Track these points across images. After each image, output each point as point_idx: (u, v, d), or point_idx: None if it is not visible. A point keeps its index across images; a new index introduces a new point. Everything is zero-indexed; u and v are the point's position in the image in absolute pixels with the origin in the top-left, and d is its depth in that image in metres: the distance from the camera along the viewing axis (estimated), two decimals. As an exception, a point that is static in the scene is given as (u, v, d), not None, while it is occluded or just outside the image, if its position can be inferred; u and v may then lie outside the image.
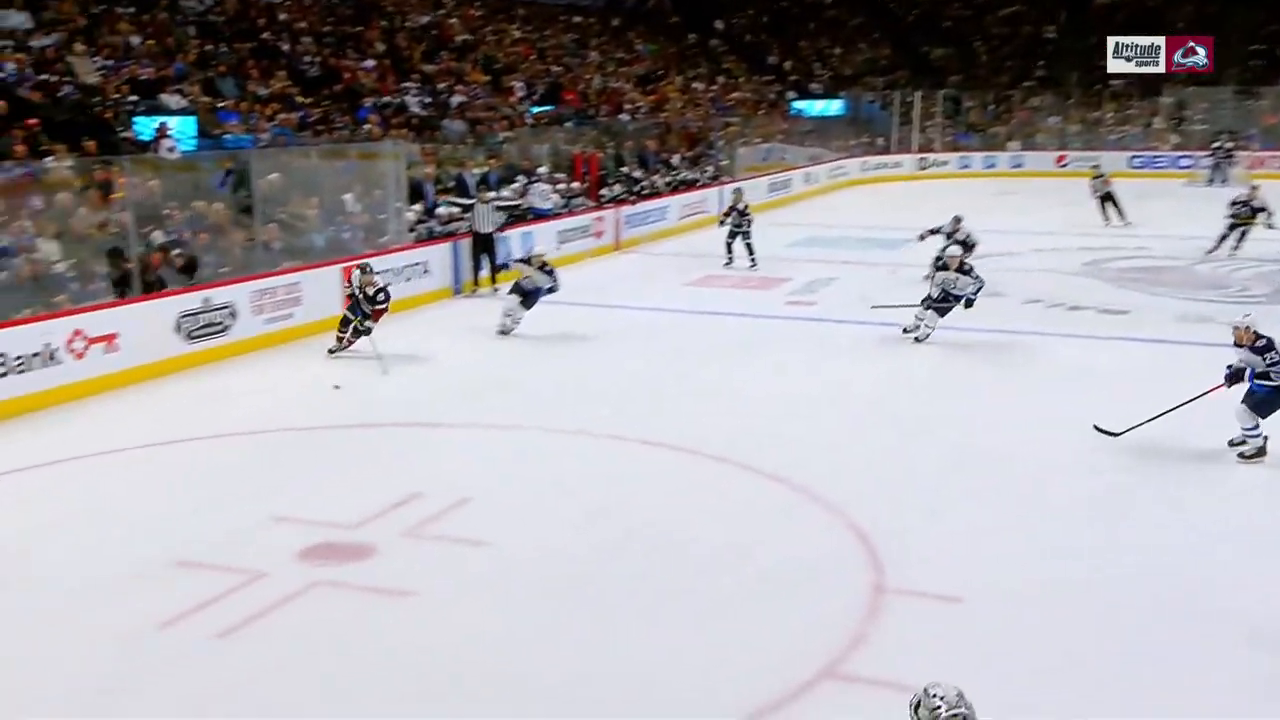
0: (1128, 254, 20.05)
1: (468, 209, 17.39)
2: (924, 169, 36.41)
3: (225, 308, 13.04)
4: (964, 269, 13.01)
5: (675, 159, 26.98)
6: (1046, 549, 7.61)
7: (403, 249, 16.50)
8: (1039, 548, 7.65)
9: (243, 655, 6.25)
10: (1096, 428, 9.45)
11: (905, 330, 13.38)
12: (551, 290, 13.82)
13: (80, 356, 11.36)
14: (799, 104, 38.92)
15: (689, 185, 25.83)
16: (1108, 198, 24.05)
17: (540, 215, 19.88)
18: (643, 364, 12.61)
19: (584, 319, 14.51)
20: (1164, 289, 17.01)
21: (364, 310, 12.62)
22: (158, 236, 13.25)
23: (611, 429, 10.10)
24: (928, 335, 13.18)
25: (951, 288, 13.06)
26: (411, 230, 17.06)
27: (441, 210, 17.87)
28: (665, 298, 16.58)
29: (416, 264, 16.41)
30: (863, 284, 17.27)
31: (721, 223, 20.45)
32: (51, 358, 11.09)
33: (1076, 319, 15.06)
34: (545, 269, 13.88)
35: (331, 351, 12.81)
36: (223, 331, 13.03)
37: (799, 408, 10.79)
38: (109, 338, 11.65)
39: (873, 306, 15.06)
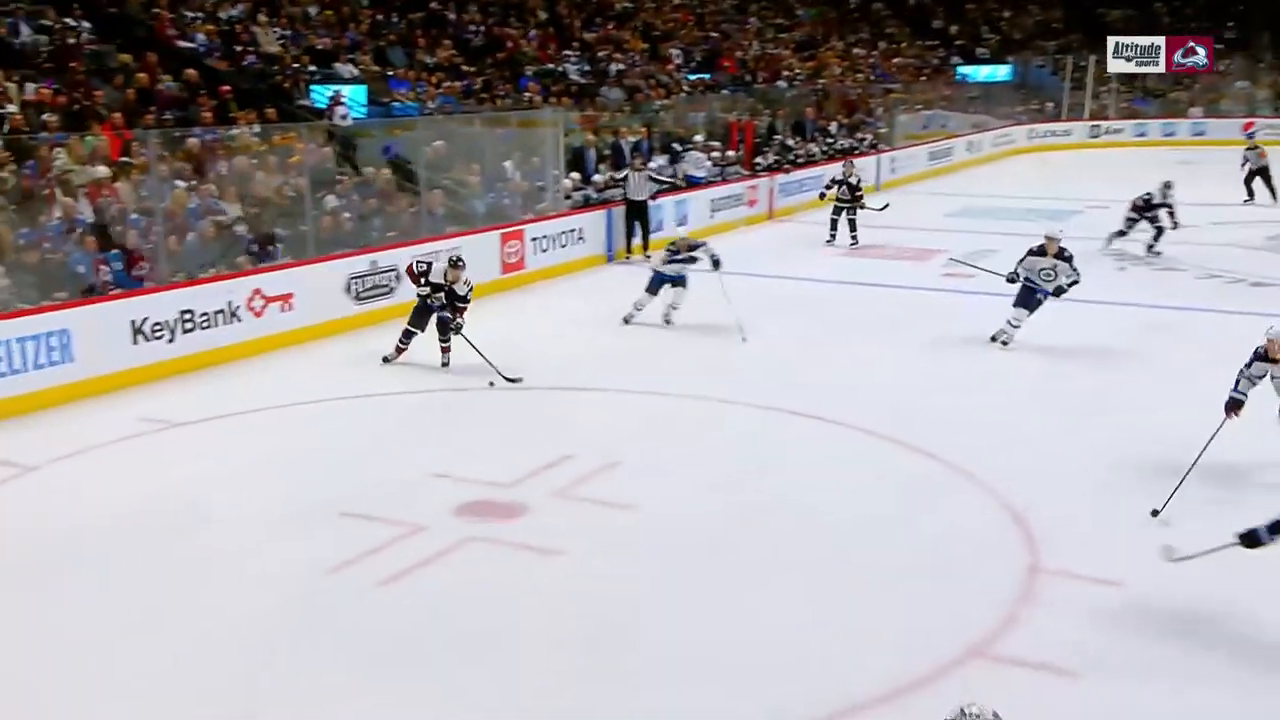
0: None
1: (622, 178, 17.59)
2: (1096, 137, 35.38)
3: (391, 270, 13.46)
4: (1064, 255, 11.61)
5: (832, 127, 26.70)
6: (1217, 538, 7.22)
7: (559, 215, 16.81)
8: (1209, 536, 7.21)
9: (401, 602, 6.60)
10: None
11: (993, 339, 11.91)
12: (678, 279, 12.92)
13: (259, 314, 11.94)
14: (964, 69, 38.07)
15: (845, 154, 25.54)
16: (1261, 172, 22.54)
17: (694, 183, 19.93)
18: (792, 334, 12.63)
19: (734, 288, 14.59)
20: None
21: (449, 307, 11.16)
22: (330, 200, 13.74)
23: (759, 398, 10.17)
24: (1009, 338, 11.81)
25: (1039, 277, 11.68)
26: (568, 197, 17.35)
27: (598, 178, 18.11)
28: (817, 268, 16.56)
29: (572, 230, 16.70)
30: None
31: (822, 195, 19.51)
32: (233, 315, 11.68)
33: (1259, 296, 14.36)
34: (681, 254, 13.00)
35: (387, 360, 11.49)
36: (388, 294, 13.48)
37: (954, 383, 10.65)
38: (285, 297, 12.21)
39: (950, 259, 15.01)
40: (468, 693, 5.63)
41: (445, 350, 11.23)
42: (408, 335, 11.30)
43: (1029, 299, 11.56)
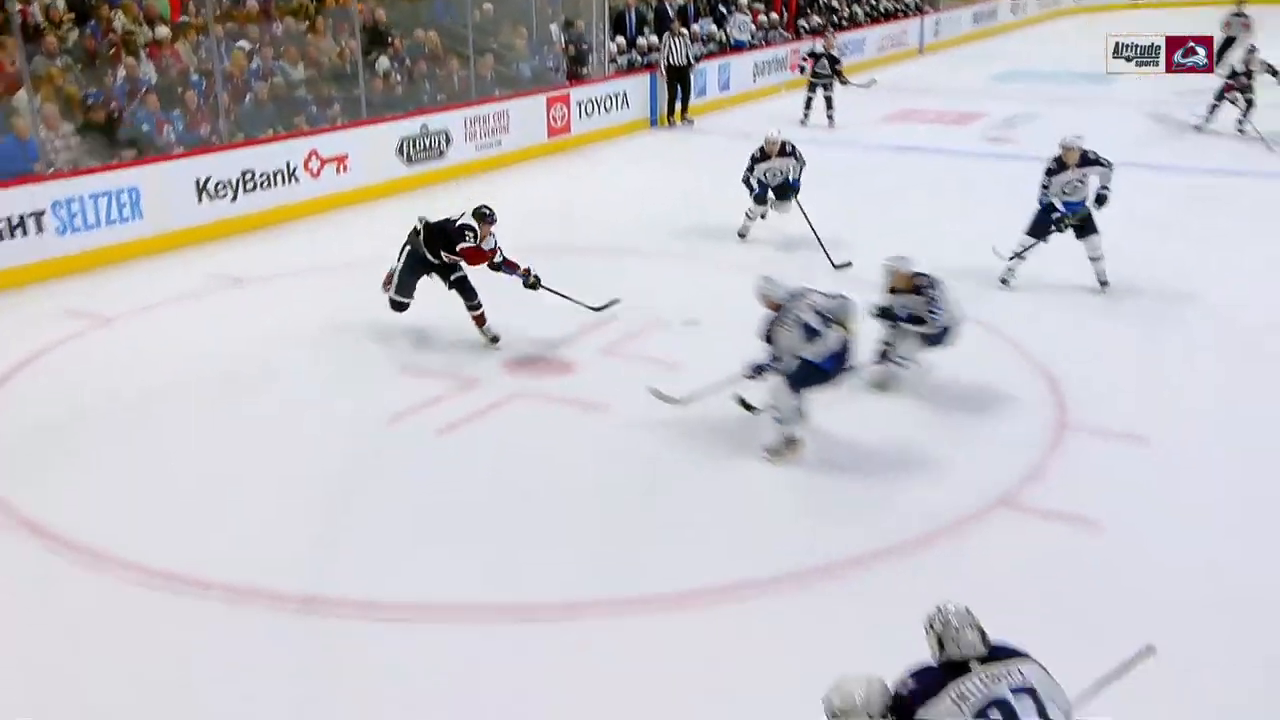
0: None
1: (665, 43, 17.37)
2: (1150, -1, 34.15)
3: (441, 133, 13.57)
4: (1091, 159, 9.42)
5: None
6: (1253, 406, 7.44)
7: (604, 79, 16.76)
8: (1246, 405, 7.44)
9: (457, 449, 6.93)
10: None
11: (1002, 281, 9.80)
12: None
13: (316, 175, 12.15)
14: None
15: (889, 16, 25.06)
16: (1231, 44, 19.50)
17: (738, 46, 19.69)
18: (836, 198, 12.40)
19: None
20: None
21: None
22: (382, 63, 13.77)
23: (806, 263, 10.17)
24: (1013, 275, 9.81)
25: (1065, 194, 9.48)
26: (613, 61, 17.21)
27: (641, 42, 17.95)
28: (861, 131, 16.42)
29: (617, 94, 16.65)
30: (1068, 121, 16.68)
31: (801, 69, 18.15)
32: (291, 175, 11.88)
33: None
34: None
35: (494, 341, 8.58)
36: (439, 156, 13.60)
37: (993, 246, 10.21)
38: (341, 159, 12.37)
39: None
40: (520, 543, 5.88)
41: (480, 324, 8.53)
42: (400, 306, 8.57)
43: (1043, 225, 9.53)
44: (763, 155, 10.94)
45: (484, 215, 8.22)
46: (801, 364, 6.58)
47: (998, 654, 3.53)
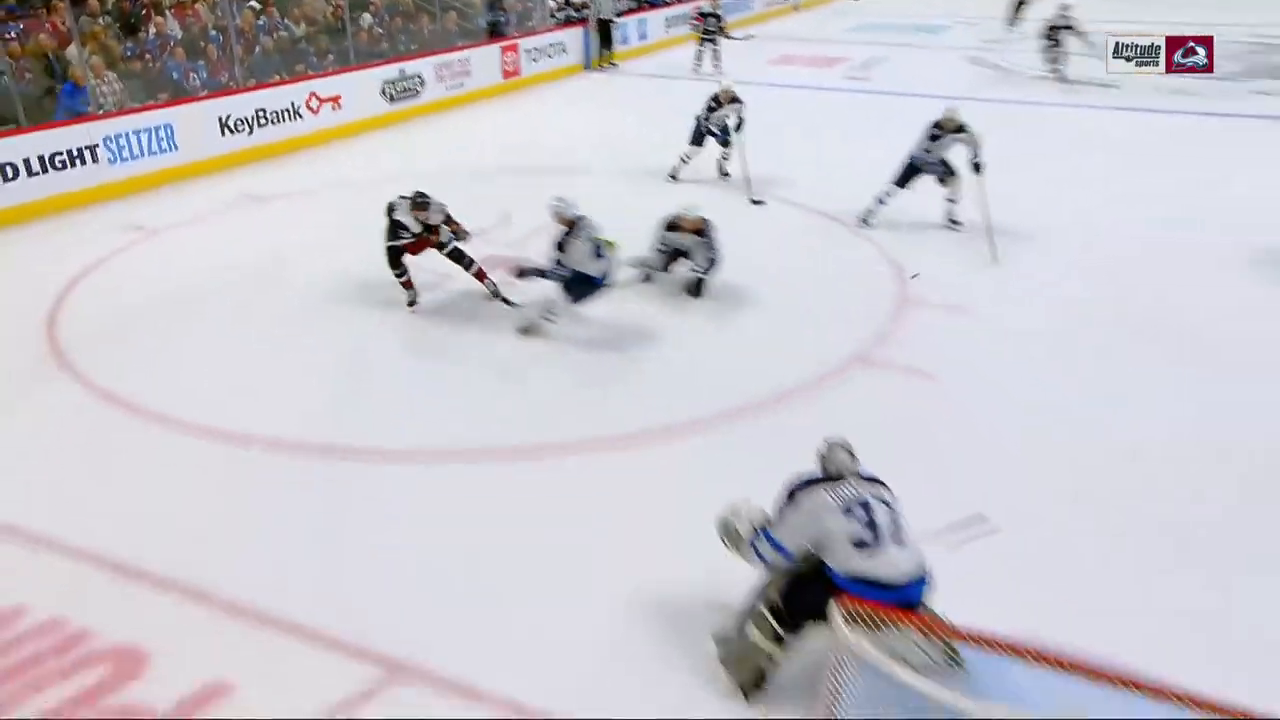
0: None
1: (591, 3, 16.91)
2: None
3: (416, 76, 13.14)
4: (965, 130, 8.47)
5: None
6: (1055, 288, 7.55)
7: (547, 30, 16.28)
8: (1053, 288, 7.52)
9: (441, 326, 6.83)
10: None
11: (863, 220, 8.87)
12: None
13: (316, 113, 11.75)
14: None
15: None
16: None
17: (653, 3, 19.20)
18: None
19: (687, 90, 14.36)
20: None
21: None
22: (365, 18, 13.24)
23: (715, 183, 10.08)
24: (874, 217, 8.85)
25: (936, 153, 8.65)
26: (553, 15, 16.70)
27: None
28: (750, 74, 16.13)
29: (557, 43, 16.21)
30: (909, 63, 16.62)
31: (695, 26, 16.91)
32: (296, 113, 11.46)
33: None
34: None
35: (495, 295, 7.26)
36: (415, 95, 13.19)
37: (865, 165, 9.96)
38: (335, 99, 11.98)
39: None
40: (505, 406, 5.82)
41: (482, 279, 7.22)
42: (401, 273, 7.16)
43: (908, 176, 8.73)
44: (717, 104, 9.94)
45: (417, 202, 6.82)
46: (578, 275, 6.41)
47: (869, 478, 3.61)
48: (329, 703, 3.67)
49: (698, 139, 10.06)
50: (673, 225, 7.40)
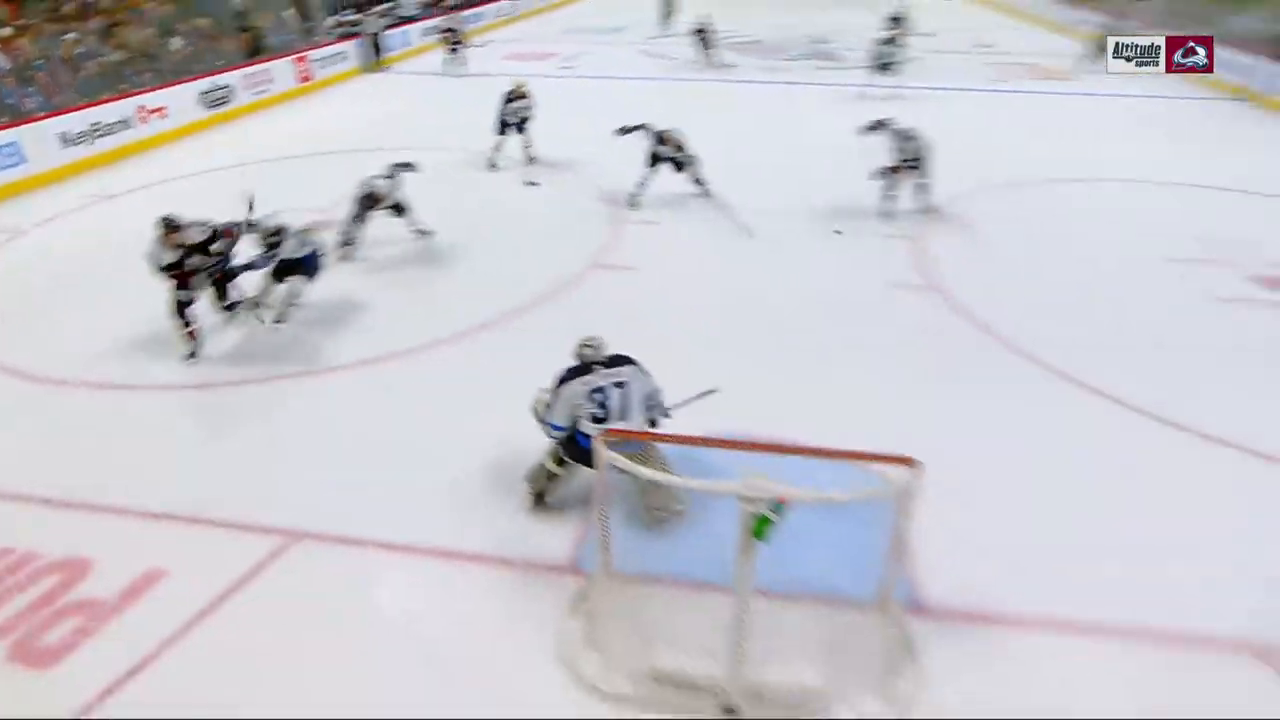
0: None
1: (360, 18, 15.56)
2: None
3: (227, 87, 11.71)
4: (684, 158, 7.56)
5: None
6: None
7: (331, 44, 14.85)
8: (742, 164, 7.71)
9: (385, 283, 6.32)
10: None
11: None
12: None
13: (145, 122, 10.41)
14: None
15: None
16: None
17: (410, 19, 17.73)
18: (481, 109, 10.85)
19: (440, 84, 13.60)
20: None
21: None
22: (175, 42, 11.57)
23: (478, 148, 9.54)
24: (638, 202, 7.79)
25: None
26: (331, 31, 15.20)
27: (350, 17, 15.91)
28: (489, 68, 15.42)
29: (340, 52, 14.82)
30: (605, 57, 16.42)
31: (441, 36, 14.86)
32: (126, 124, 10.05)
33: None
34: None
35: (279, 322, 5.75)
36: (225, 103, 11.79)
37: (592, 130, 9.19)
38: (160, 109, 10.56)
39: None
40: (487, 353, 5.31)
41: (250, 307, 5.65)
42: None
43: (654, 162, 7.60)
44: (511, 97, 8.83)
45: (169, 225, 4.95)
46: (315, 254, 5.54)
47: (613, 361, 3.66)
48: (244, 570, 3.62)
49: (501, 129, 8.95)
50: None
